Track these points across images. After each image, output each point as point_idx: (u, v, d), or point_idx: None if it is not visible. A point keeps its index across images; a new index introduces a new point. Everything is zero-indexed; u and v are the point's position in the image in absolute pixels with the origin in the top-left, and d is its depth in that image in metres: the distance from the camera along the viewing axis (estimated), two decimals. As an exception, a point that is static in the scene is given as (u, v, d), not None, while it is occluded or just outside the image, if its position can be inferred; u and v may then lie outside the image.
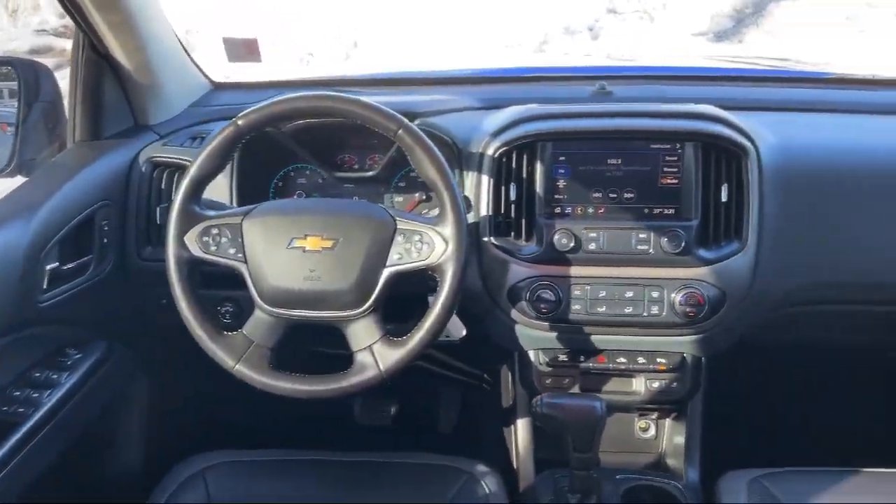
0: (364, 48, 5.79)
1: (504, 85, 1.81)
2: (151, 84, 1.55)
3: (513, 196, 1.38)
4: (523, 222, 1.38)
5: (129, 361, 1.59)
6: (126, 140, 1.53)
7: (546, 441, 1.49)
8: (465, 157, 1.42)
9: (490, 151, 1.39)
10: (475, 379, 1.86)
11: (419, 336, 1.18)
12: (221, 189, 1.45)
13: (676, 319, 1.35)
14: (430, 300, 1.20)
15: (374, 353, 1.18)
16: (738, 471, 1.34)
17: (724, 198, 1.34)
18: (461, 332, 1.41)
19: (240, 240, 1.20)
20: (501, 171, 1.39)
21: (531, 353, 1.47)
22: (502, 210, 1.39)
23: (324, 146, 1.55)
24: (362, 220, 1.20)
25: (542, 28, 5.70)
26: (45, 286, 1.28)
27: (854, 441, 1.59)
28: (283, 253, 1.19)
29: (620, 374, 1.46)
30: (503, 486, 1.37)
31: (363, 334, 1.19)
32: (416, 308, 1.25)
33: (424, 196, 1.55)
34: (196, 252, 1.20)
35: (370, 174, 1.55)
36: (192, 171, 1.21)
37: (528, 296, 1.36)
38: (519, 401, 1.55)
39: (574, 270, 1.37)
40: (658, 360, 1.43)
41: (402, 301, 1.28)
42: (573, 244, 1.35)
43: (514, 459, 1.55)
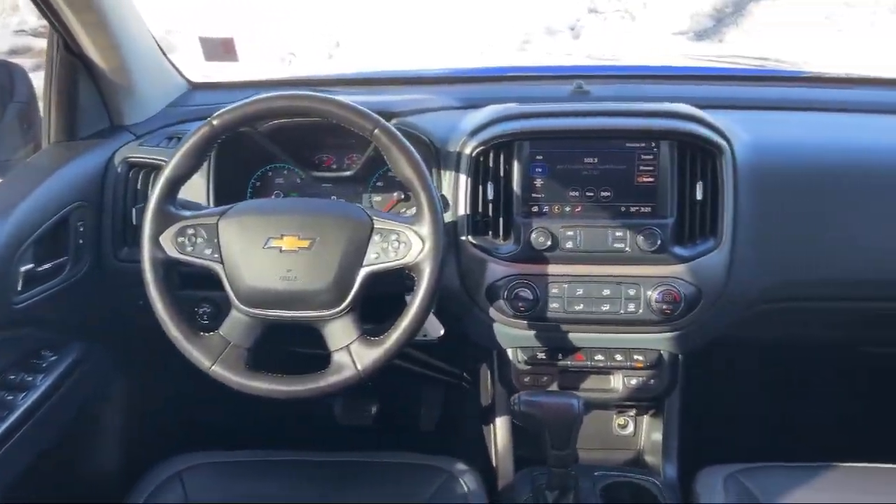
0: (346, 48, 5.76)
1: (482, 84, 1.81)
2: (127, 84, 1.54)
3: (490, 195, 1.39)
4: (501, 221, 1.39)
5: (106, 363, 1.58)
6: (102, 140, 1.52)
7: (525, 439, 1.49)
8: (442, 156, 1.42)
9: (467, 151, 1.39)
10: (455, 378, 1.87)
11: (396, 335, 1.18)
12: (198, 189, 1.44)
13: (653, 317, 1.36)
14: (408, 299, 1.20)
15: (352, 352, 1.19)
16: (715, 466, 1.35)
17: (699, 196, 1.35)
18: (439, 332, 1.41)
19: (216, 240, 1.20)
20: (479, 171, 1.39)
21: (510, 352, 1.47)
22: (480, 209, 1.39)
23: (301, 146, 1.54)
24: (339, 220, 1.20)
25: (524, 28, 5.70)
26: (20, 288, 1.27)
27: (830, 436, 1.60)
28: (260, 253, 1.18)
29: (598, 372, 1.47)
30: (482, 484, 1.37)
31: (340, 334, 1.19)
32: (394, 308, 1.24)
33: (403, 195, 1.55)
34: (171, 252, 1.19)
35: (348, 174, 1.55)
36: (167, 172, 1.20)
37: (505, 294, 1.37)
38: (498, 399, 1.55)
39: (551, 269, 1.37)
40: (635, 357, 1.44)
41: (380, 301, 1.28)
42: (550, 243, 1.36)
43: (493, 457, 1.56)
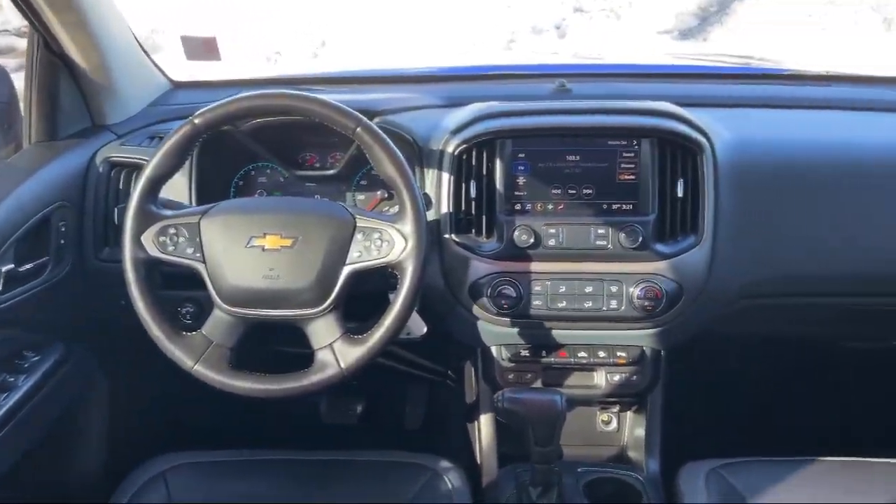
0: (332, 47, 5.75)
1: (465, 83, 1.81)
2: (108, 83, 1.54)
3: (473, 193, 1.39)
4: (484, 219, 1.39)
5: (89, 363, 1.58)
6: (83, 140, 1.51)
7: (509, 436, 1.50)
8: (425, 154, 1.42)
9: (450, 149, 1.39)
10: (439, 376, 1.87)
11: (379, 333, 1.18)
12: (181, 189, 1.44)
13: (635, 313, 1.36)
14: (392, 298, 1.21)
15: (335, 351, 1.19)
16: (697, 462, 1.36)
17: (680, 193, 1.36)
18: (422, 330, 1.41)
19: (198, 239, 1.19)
20: (461, 169, 1.39)
21: (493, 349, 1.48)
22: (463, 207, 1.39)
23: (284, 145, 1.54)
24: (322, 219, 1.20)
25: (510, 27, 5.71)
26: (1, 288, 1.26)
27: (810, 431, 1.61)
28: (242, 252, 1.18)
29: (581, 369, 1.48)
30: (467, 481, 1.37)
31: (323, 332, 1.19)
32: (378, 306, 1.25)
33: (386, 194, 1.55)
34: (153, 252, 1.19)
35: (331, 172, 1.54)
36: (148, 171, 1.20)
37: (489, 292, 1.37)
38: (482, 397, 1.56)
39: (534, 266, 1.38)
40: (618, 353, 1.44)
41: (364, 299, 1.28)
42: (533, 240, 1.36)
43: (477, 455, 1.56)
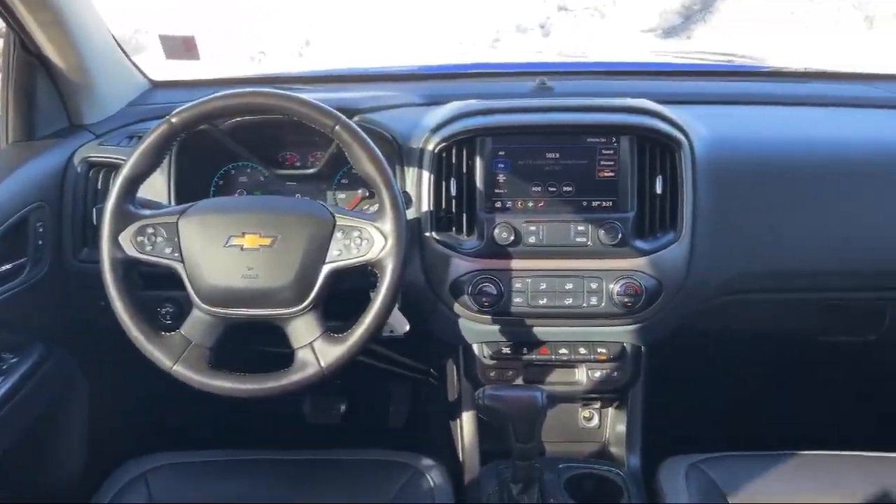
0: (317, 46, 5.74)
1: (447, 81, 1.82)
2: (86, 83, 1.53)
3: (453, 191, 1.39)
4: (464, 217, 1.40)
5: (69, 364, 1.57)
6: (61, 140, 1.50)
7: (491, 433, 1.50)
8: (405, 152, 1.43)
9: (430, 147, 1.39)
10: (422, 374, 1.87)
11: (359, 332, 1.18)
12: (160, 189, 1.43)
13: (615, 309, 1.37)
14: (372, 296, 1.21)
15: (315, 350, 1.18)
16: (678, 457, 1.37)
17: (658, 190, 1.37)
18: (404, 328, 1.41)
19: (176, 239, 1.19)
20: (442, 167, 1.40)
21: (475, 347, 1.48)
22: (443, 205, 1.40)
23: (265, 144, 1.54)
24: (301, 217, 1.20)
25: (494, 25, 5.72)
26: None
27: (790, 425, 1.63)
28: (221, 251, 1.18)
29: (563, 365, 1.48)
30: (448, 479, 1.37)
31: (303, 331, 1.19)
32: (359, 305, 1.24)
33: (367, 193, 1.55)
34: (131, 252, 1.18)
35: (312, 171, 1.54)
36: (126, 170, 1.19)
37: (470, 290, 1.38)
38: (464, 394, 1.56)
39: (515, 263, 1.38)
40: (599, 349, 1.45)
41: (346, 298, 1.28)
42: (513, 238, 1.37)
43: (459, 452, 1.56)
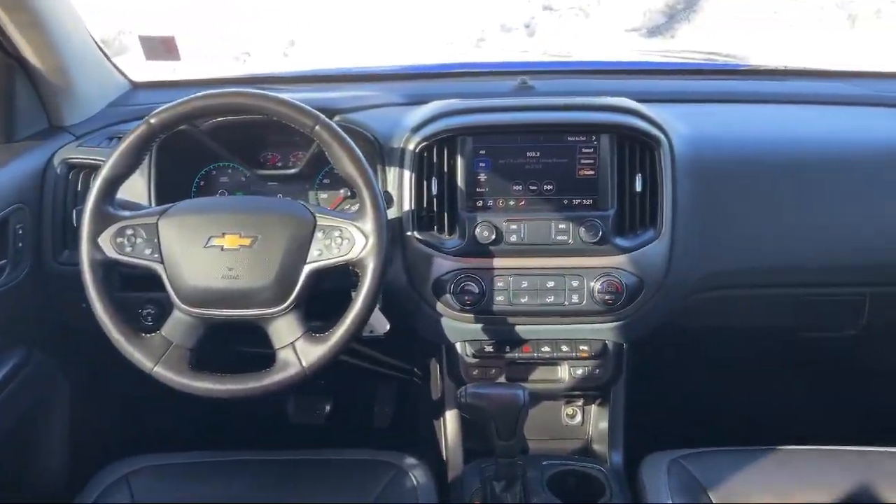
0: (301, 46, 5.72)
1: (428, 81, 1.82)
2: (65, 84, 1.52)
3: (434, 190, 1.39)
4: (446, 216, 1.40)
5: (49, 367, 1.56)
6: (40, 142, 1.49)
7: (474, 431, 1.51)
8: (386, 152, 1.43)
9: (411, 146, 1.40)
10: (406, 373, 1.87)
11: (341, 332, 1.18)
12: (141, 190, 1.43)
13: (596, 307, 1.38)
14: (354, 296, 1.21)
15: (297, 350, 1.18)
16: (659, 452, 1.38)
17: (638, 188, 1.38)
18: (385, 327, 1.41)
19: (156, 240, 1.18)
20: (423, 166, 1.40)
21: (458, 346, 1.48)
22: (425, 204, 1.40)
23: (245, 144, 1.53)
24: (281, 217, 1.20)
25: (479, 25, 5.72)
26: None
27: (771, 420, 1.64)
28: (201, 252, 1.17)
29: (545, 363, 1.49)
30: (432, 477, 1.37)
31: (285, 332, 1.19)
32: (341, 305, 1.24)
33: (349, 193, 1.55)
34: (111, 253, 1.18)
35: (293, 171, 1.54)
36: (105, 171, 1.18)
37: (452, 288, 1.38)
38: (447, 393, 1.56)
39: (496, 262, 1.39)
40: (581, 347, 1.46)
41: (328, 298, 1.28)
42: (495, 236, 1.37)
43: (443, 451, 1.57)
